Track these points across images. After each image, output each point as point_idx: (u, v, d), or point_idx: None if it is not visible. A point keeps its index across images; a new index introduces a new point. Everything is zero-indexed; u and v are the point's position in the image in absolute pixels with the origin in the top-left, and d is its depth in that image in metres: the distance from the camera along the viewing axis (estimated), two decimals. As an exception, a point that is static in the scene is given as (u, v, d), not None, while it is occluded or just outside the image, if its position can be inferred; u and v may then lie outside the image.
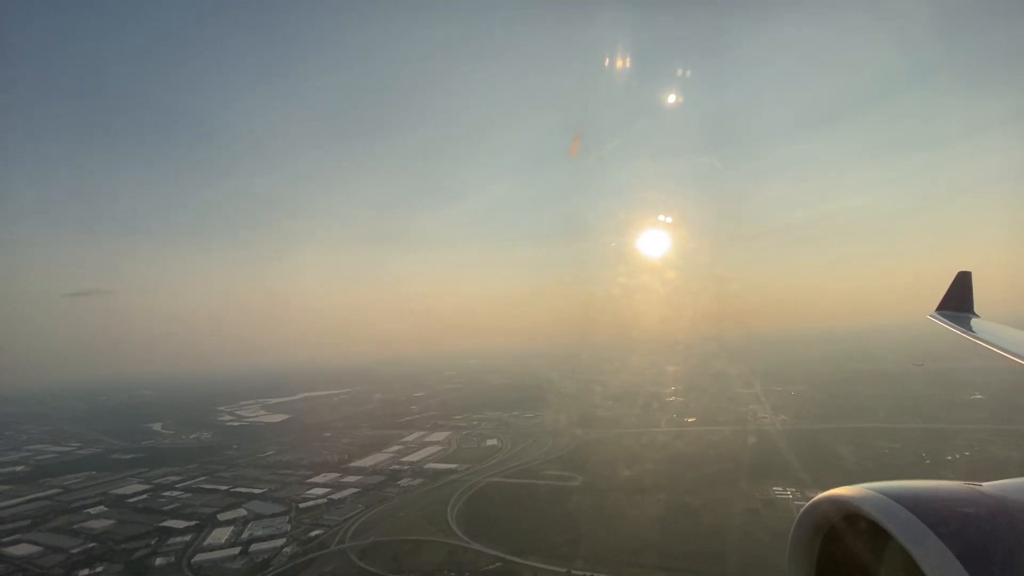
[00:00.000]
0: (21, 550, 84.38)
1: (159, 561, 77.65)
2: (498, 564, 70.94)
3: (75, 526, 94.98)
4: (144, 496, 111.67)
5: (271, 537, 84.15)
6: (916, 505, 3.12)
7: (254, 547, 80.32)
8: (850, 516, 3.49)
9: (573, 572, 66.28)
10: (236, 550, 79.71)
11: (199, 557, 78.06)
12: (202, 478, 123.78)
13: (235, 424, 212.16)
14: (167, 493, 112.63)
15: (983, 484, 3.65)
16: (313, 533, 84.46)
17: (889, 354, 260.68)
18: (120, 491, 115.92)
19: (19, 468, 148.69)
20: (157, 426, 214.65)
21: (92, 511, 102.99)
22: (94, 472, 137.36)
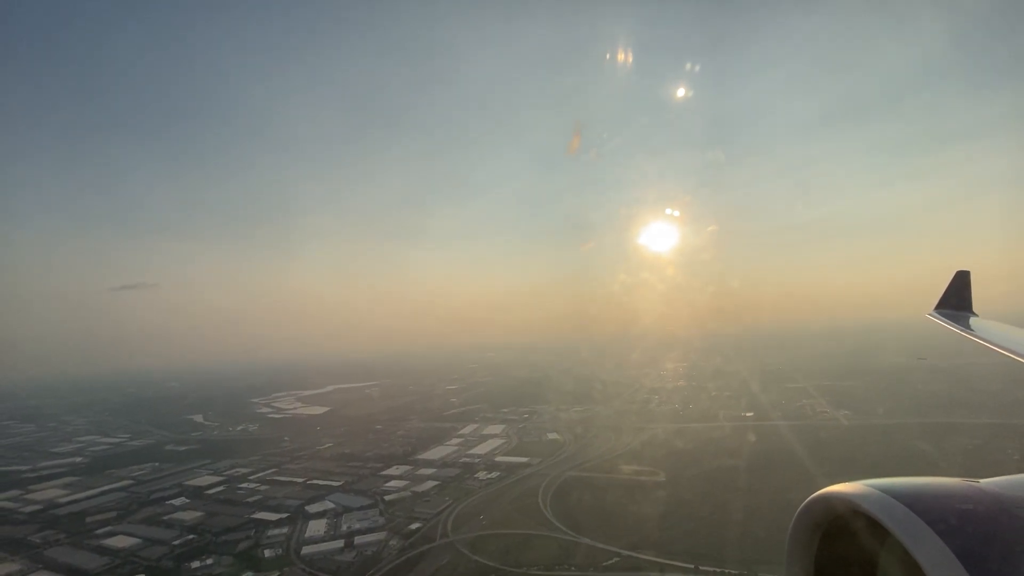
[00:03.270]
0: (120, 542, 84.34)
1: (267, 554, 77.41)
2: (615, 559, 70.31)
3: (164, 517, 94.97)
4: (221, 488, 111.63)
5: (370, 530, 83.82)
6: (915, 502, 3.12)
7: (357, 540, 79.93)
8: (849, 513, 3.47)
9: (702, 568, 65.64)
10: (340, 543, 79.36)
11: (306, 550, 77.75)
12: (271, 470, 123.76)
13: (277, 416, 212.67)
14: (243, 485, 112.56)
15: (981, 481, 3.63)
16: (413, 526, 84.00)
17: (913, 349, 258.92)
18: (194, 483, 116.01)
19: (78, 459, 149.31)
20: (199, 418, 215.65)
21: (175, 503, 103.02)
22: (157, 463, 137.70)
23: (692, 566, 66.25)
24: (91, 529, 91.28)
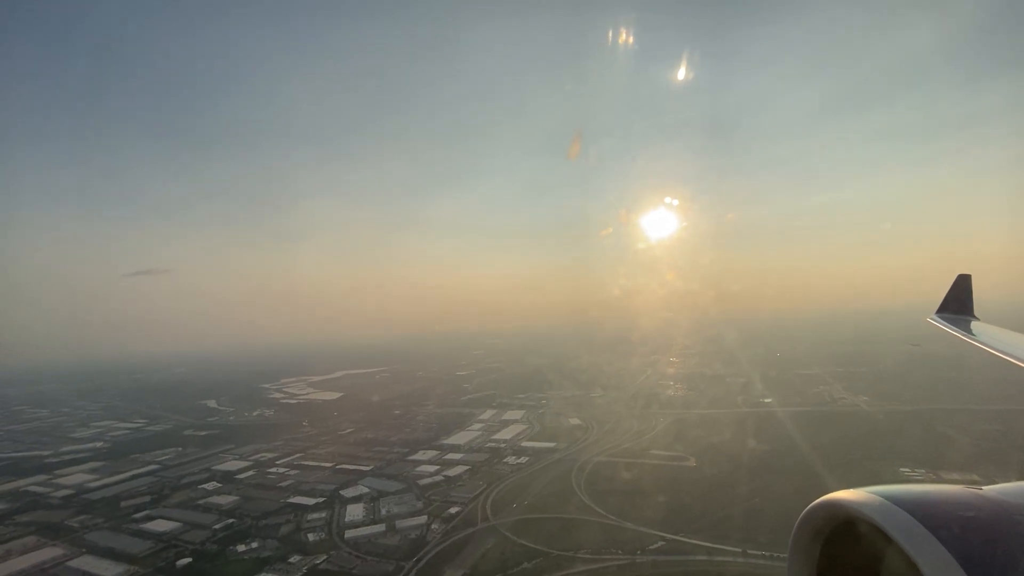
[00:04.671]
0: (160, 526, 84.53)
1: (311, 537, 77.78)
2: (660, 543, 70.90)
3: (200, 502, 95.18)
4: (251, 473, 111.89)
5: (409, 514, 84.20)
6: (917, 508, 3.14)
7: (399, 524, 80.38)
8: (851, 520, 3.49)
9: (750, 552, 66.28)
10: (382, 527, 79.74)
11: (349, 533, 78.14)
12: (297, 455, 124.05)
13: (291, 402, 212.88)
14: (272, 470, 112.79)
15: (984, 487, 3.63)
16: (452, 510, 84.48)
17: (911, 336, 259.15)
18: (223, 468, 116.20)
19: (99, 444, 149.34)
20: (212, 403, 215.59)
21: (208, 487, 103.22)
22: (180, 448, 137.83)
23: (740, 550, 66.91)
24: (127, 513, 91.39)
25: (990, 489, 3.62)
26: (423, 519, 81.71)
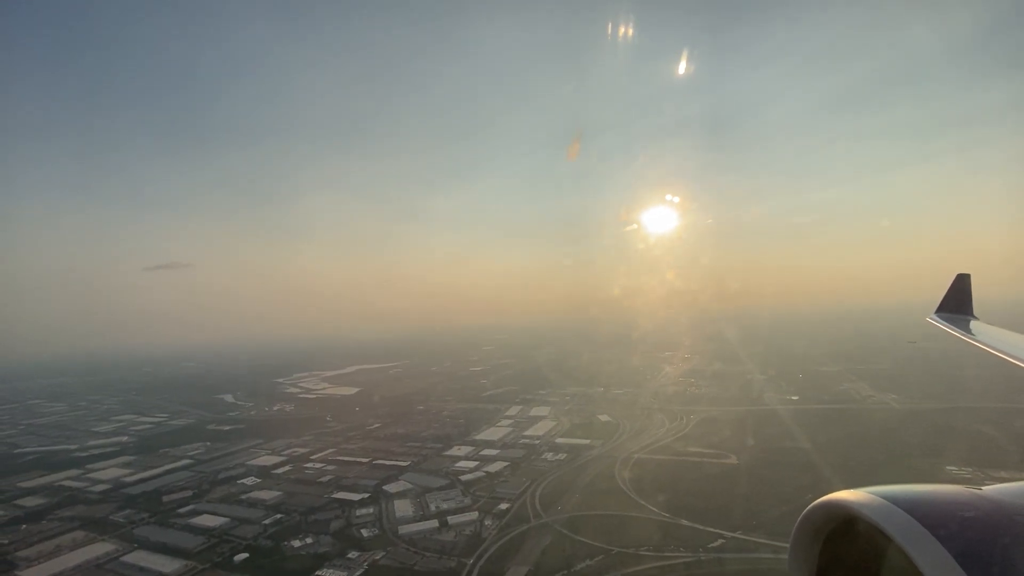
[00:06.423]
0: (208, 521, 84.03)
1: (365, 533, 77.32)
2: (720, 541, 70.64)
3: (242, 497, 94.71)
4: (287, 468, 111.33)
5: (459, 510, 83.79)
6: (915, 508, 3.17)
7: (451, 520, 79.96)
8: (850, 520, 3.54)
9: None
10: (434, 523, 79.30)
11: (404, 529, 77.69)
12: (330, 450, 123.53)
13: (309, 396, 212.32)
14: (309, 465, 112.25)
15: (983, 488, 3.66)
16: (501, 506, 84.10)
17: (912, 333, 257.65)
18: (257, 462, 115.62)
19: (124, 438, 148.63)
20: (229, 397, 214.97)
21: (247, 482, 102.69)
22: (208, 443, 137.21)
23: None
24: (171, 508, 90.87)
25: (989, 489, 3.64)
26: (474, 515, 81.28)
